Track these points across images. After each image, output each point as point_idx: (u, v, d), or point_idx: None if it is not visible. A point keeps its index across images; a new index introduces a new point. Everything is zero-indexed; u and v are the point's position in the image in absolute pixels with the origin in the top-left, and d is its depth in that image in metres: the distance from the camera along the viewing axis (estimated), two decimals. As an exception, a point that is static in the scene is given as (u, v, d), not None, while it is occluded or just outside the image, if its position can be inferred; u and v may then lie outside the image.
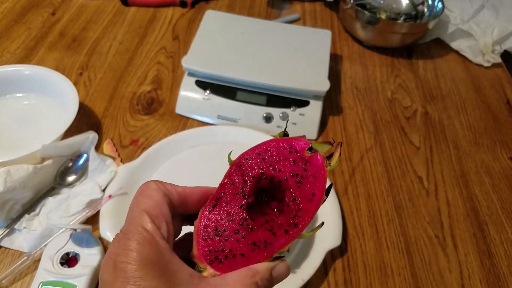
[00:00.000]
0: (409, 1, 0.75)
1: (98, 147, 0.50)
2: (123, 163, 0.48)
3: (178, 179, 0.42)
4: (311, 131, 0.54)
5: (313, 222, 0.42)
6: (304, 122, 0.54)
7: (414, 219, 0.47)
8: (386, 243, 0.45)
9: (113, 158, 0.49)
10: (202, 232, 0.21)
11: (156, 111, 0.57)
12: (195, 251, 0.21)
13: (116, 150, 0.51)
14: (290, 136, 0.23)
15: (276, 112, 0.54)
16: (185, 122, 0.55)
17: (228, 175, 0.22)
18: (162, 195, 0.20)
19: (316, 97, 0.54)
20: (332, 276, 0.42)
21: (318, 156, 0.22)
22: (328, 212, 0.44)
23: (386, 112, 0.60)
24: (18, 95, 0.54)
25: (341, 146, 0.22)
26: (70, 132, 0.49)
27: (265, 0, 0.79)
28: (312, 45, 0.58)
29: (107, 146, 0.51)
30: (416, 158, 0.54)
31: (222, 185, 0.22)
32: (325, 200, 0.22)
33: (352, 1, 0.69)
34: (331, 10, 0.78)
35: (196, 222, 0.22)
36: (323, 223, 0.23)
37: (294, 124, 0.54)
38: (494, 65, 0.69)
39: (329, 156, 0.22)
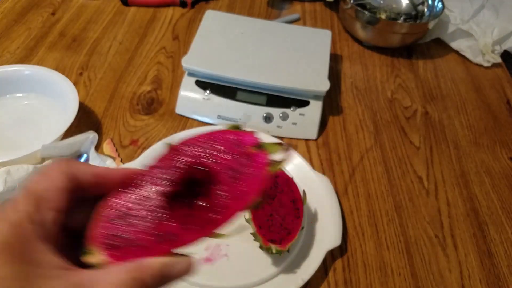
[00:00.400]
0: (409, 1, 0.75)
1: (98, 147, 0.50)
2: (123, 163, 0.48)
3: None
4: (311, 131, 0.54)
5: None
6: (304, 122, 0.54)
7: (414, 219, 0.47)
8: (386, 243, 0.45)
9: (113, 158, 0.49)
10: (105, 212, 0.19)
11: (156, 111, 0.57)
12: (90, 231, 0.18)
13: (116, 150, 0.51)
14: (241, 130, 0.21)
15: (276, 112, 0.54)
16: (185, 122, 0.55)
17: (160, 158, 0.20)
18: (64, 178, 0.18)
19: (316, 97, 0.54)
20: (332, 276, 0.42)
21: (263, 155, 0.20)
22: (328, 212, 0.44)
23: (386, 112, 0.60)
24: (18, 95, 0.54)
25: (290, 152, 0.20)
26: (70, 132, 0.49)
27: (265, 0, 0.79)
28: (312, 45, 0.58)
29: (107, 146, 0.51)
30: (416, 158, 0.54)
31: (149, 167, 0.20)
32: (258, 202, 0.19)
33: (352, 1, 0.69)
34: (331, 10, 0.78)
35: (100, 203, 0.19)
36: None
37: (294, 124, 0.54)
38: (494, 65, 0.69)
39: (277, 159, 0.20)
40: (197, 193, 0.20)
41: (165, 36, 0.69)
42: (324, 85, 0.52)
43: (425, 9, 0.72)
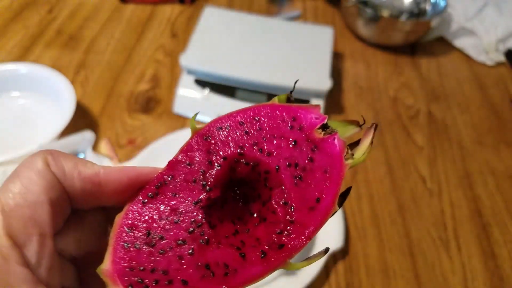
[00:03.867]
0: (411, -2, 0.74)
1: (95, 147, 0.50)
2: (121, 163, 0.48)
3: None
4: (312, 130, 0.53)
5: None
6: (305, 122, 0.53)
7: (417, 220, 0.47)
8: (389, 245, 0.44)
9: (111, 158, 0.48)
10: (124, 235, 0.13)
11: (154, 110, 0.56)
12: (107, 263, 0.13)
13: (114, 150, 0.50)
14: (296, 104, 0.14)
15: (276, 111, 0.53)
16: (183, 121, 0.54)
17: (185, 149, 0.15)
18: (46, 184, 0.12)
19: (317, 95, 0.53)
20: (334, 279, 0.41)
21: (336, 141, 0.14)
22: (330, 214, 0.43)
23: (388, 111, 0.59)
24: (14, 94, 0.53)
25: (375, 131, 0.14)
26: (67, 131, 0.48)
27: (266, -3, 0.78)
28: (313, 42, 0.57)
29: (104, 146, 0.50)
30: (419, 158, 0.53)
31: (172, 164, 0.15)
32: (335, 211, 0.14)
33: (354, -2, 0.68)
34: (332, 7, 0.77)
35: (117, 218, 0.14)
36: (327, 249, 0.14)
37: (295, 123, 0.53)
38: (498, 64, 0.68)
39: (353, 144, 0.14)
40: (249, 201, 0.14)
41: (164, 33, 0.68)
42: (325, 84, 0.52)
43: (428, 7, 0.71)
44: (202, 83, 0.54)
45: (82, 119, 0.53)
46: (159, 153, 0.47)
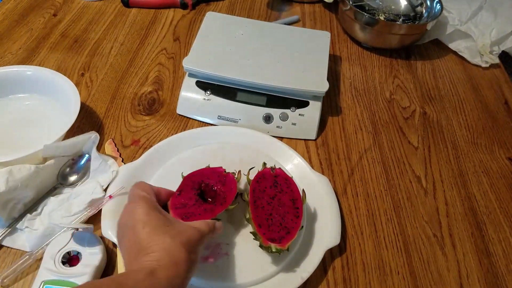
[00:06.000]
0: (407, 3, 0.75)
1: (99, 147, 0.51)
2: (125, 163, 0.49)
3: (179, 179, 0.42)
4: (310, 131, 0.55)
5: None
6: (304, 123, 0.54)
7: (412, 218, 0.48)
8: (385, 242, 0.45)
9: (115, 158, 0.49)
10: (174, 206, 0.38)
11: (157, 111, 0.57)
12: (171, 215, 0.37)
13: (118, 150, 0.51)
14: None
15: (275, 112, 0.54)
16: (186, 123, 0.56)
17: (184, 182, 0.41)
18: (149, 185, 0.37)
19: (315, 97, 0.55)
20: (331, 275, 0.42)
21: (230, 174, 0.43)
22: (327, 212, 0.44)
23: (384, 113, 0.60)
24: (20, 95, 0.54)
25: (239, 172, 0.44)
26: (72, 132, 0.49)
27: (265, 1, 0.79)
28: (311, 46, 0.59)
29: (108, 146, 0.51)
30: (415, 158, 0.54)
31: (182, 185, 0.41)
32: (237, 193, 0.42)
33: (351, 3, 0.70)
34: (330, 12, 0.78)
35: (169, 202, 0.39)
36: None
37: (294, 124, 0.54)
38: (492, 66, 0.69)
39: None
40: (208, 196, 0.42)
41: (166, 37, 0.69)
42: (323, 86, 0.53)
43: (424, 10, 0.73)
44: (203, 85, 0.55)
45: (86, 120, 0.55)
46: (162, 153, 0.48)
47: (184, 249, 0.30)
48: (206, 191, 0.41)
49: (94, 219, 0.43)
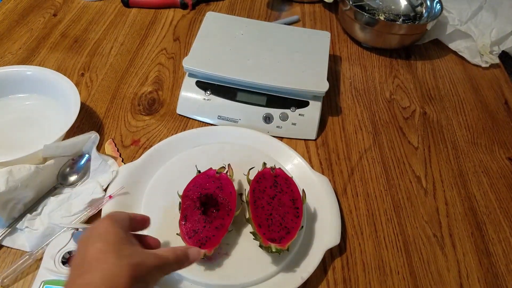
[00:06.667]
0: (407, 3, 0.75)
1: (99, 147, 0.51)
2: (125, 163, 0.49)
3: (179, 179, 0.42)
4: (310, 131, 0.55)
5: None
6: (304, 123, 0.54)
7: (412, 218, 0.48)
8: (385, 242, 0.45)
9: (115, 158, 0.49)
10: (188, 236, 0.38)
11: (157, 111, 0.57)
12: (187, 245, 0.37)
13: (118, 150, 0.51)
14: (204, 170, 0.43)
15: (275, 112, 0.54)
16: (186, 123, 0.56)
17: (184, 203, 0.40)
18: (125, 213, 0.34)
19: (315, 97, 0.55)
20: (331, 275, 0.42)
21: (223, 174, 0.42)
22: (328, 212, 0.44)
23: (384, 113, 0.60)
24: (20, 95, 0.54)
25: (229, 166, 0.44)
26: (72, 132, 0.49)
27: (265, 1, 0.79)
28: (311, 46, 0.59)
29: (108, 146, 0.51)
30: (415, 158, 0.54)
31: (184, 208, 0.40)
32: (237, 194, 0.42)
33: (351, 3, 0.70)
34: (330, 12, 0.78)
35: (180, 232, 0.38)
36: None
37: (294, 124, 0.54)
38: (492, 66, 0.69)
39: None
40: (211, 205, 0.40)
41: (166, 37, 0.69)
42: (323, 86, 0.53)
43: (424, 10, 0.73)
44: (203, 85, 0.55)
45: (86, 120, 0.55)
46: (162, 153, 0.48)
47: (129, 273, 0.26)
48: (208, 202, 0.40)
49: (94, 219, 0.43)
